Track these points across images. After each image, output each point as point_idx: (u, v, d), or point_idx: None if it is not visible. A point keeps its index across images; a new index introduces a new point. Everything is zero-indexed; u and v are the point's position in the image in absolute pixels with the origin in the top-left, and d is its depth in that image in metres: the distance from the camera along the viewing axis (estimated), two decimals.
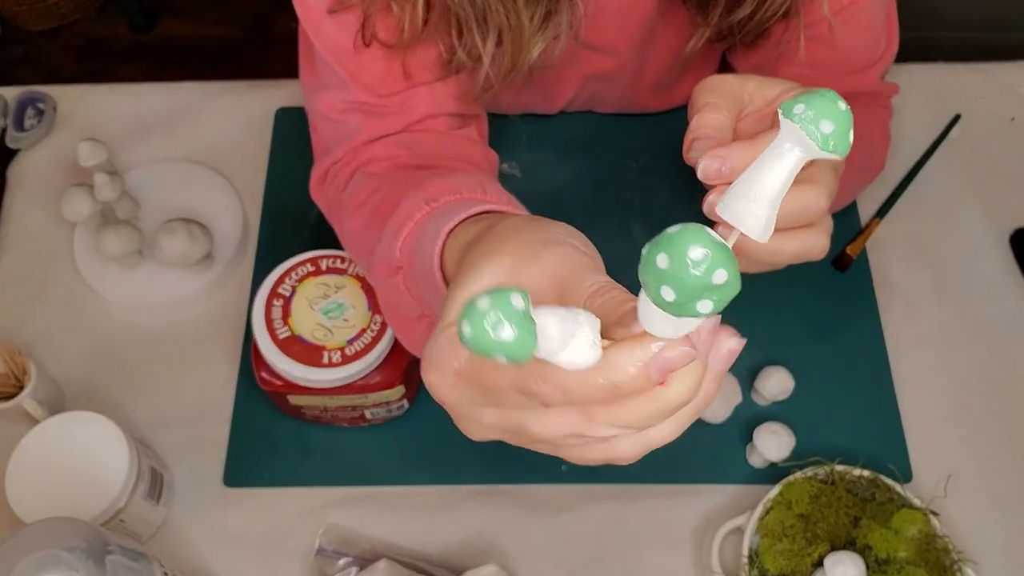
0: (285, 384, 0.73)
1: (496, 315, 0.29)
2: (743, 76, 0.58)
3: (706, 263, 0.28)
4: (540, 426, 0.37)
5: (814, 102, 0.30)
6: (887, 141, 0.82)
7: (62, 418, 0.73)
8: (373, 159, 0.70)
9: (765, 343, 0.84)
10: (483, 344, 0.29)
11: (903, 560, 0.70)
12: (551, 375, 0.34)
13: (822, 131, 0.30)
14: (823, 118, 0.30)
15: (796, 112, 0.31)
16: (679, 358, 0.33)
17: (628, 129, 0.95)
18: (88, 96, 0.99)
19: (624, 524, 0.77)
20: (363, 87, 0.69)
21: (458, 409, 0.40)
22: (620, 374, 0.33)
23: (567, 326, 0.31)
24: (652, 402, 0.34)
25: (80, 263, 0.88)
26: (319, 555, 0.75)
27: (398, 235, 0.56)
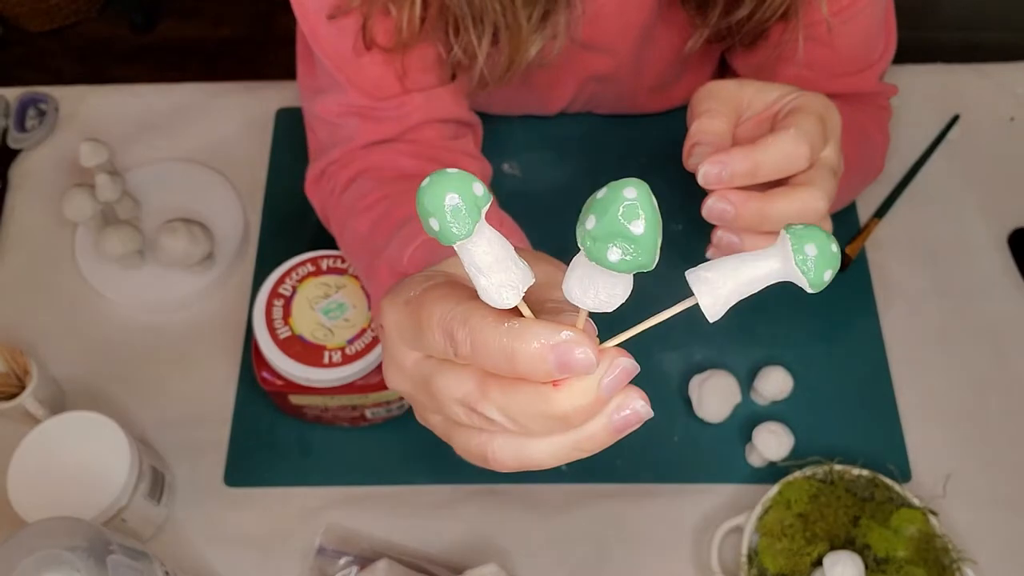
0: (286, 384, 0.73)
1: (455, 182, 0.30)
2: (741, 81, 0.59)
3: (633, 208, 0.29)
4: (442, 381, 0.37)
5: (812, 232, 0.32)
6: (886, 142, 0.82)
7: (63, 418, 0.73)
8: (376, 166, 0.71)
9: (764, 343, 0.84)
10: (431, 200, 0.31)
11: (902, 559, 0.70)
12: (471, 320, 0.34)
13: (806, 254, 0.31)
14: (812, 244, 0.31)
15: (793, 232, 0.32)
16: (579, 360, 0.32)
17: (628, 129, 0.95)
18: (89, 97, 1.00)
19: (624, 523, 0.77)
20: (360, 91, 0.70)
21: (389, 342, 0.40)
22: (522, 343, 0.33)
23: (505, 259, 0.32)
24: (539, 399, 0.34)
25: (81, 263, 0.88)
26: (320, 554, 0.75)
27: (408, 245, 0.59)
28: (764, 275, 0.33)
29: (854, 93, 0.79)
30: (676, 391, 0.82)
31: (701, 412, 0.79)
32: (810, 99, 0.57)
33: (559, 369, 0.33)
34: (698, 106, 0.58)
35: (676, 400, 0.82)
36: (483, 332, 0.34)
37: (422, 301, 0.37)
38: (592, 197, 0.30)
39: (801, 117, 0.54)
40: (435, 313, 0.36)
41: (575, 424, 0.35)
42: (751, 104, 0.59)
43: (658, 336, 0.84)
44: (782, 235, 0.32)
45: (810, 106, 0.56)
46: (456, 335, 0.35)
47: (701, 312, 0.37)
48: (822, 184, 0.54)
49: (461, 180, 0.31)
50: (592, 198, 0.30)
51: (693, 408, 0.80)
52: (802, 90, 0.58)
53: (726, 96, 0.58)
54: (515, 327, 0.33)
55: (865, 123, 0.78)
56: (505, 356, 0.33)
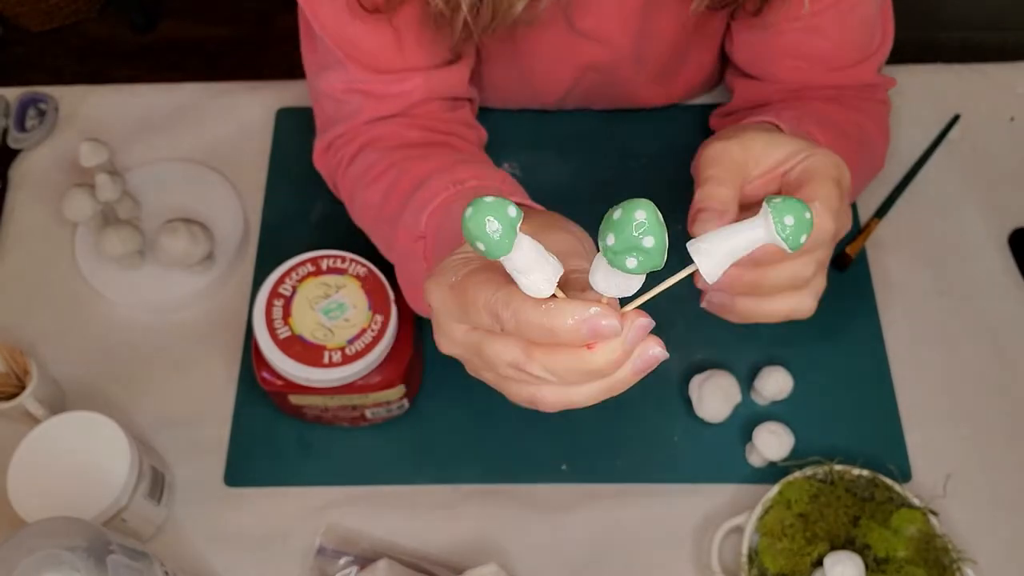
0: (286, 384, 0.73)
1: (493, 209, 0.37)
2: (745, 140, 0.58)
3: (644, 226, 0.36)
4: (492, 350, 0.44)
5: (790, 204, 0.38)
6: (886, 138, 0.83)
7: (63, 418, 0.73)
8: (380, 137, 0.75)
9: (764, 343, 0.84)
10: (475, 227, 0.37)
11: (902, 559, 0.70)
12: (512, 304, 0.41)
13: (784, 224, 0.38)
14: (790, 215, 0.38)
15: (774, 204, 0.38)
16: (606, 328, 0.40)
17: (628, 128, 0.95)
18: (89, 97, 0.99)
19: (624, 523, 0.77)
20: (359, 65, 0.73)
21: (439, 317, 0.47)
22: (559, 320, 0.40)
23: (539, 259, 0.39)
24: (576, 359, 0.41)
25: (81, 263, 0.88)
26: (320, 554, 0.75)
27: (424, 209, 0.63)
28: (751, 242, 0.39)
29: (852, 85, 0.79)
30: (676, 391, 0.82)
31: (701, 412, 0.79)
32: (823, 160, 0.56)
33: (591, 337, 0.40)
34: (704, 171, 0.58)
35: (676, 400, 0.82)
36: (525, 313, 0.40)
37: (465, 286, 0.44)
38: (609, 216, 0.37)
39: (821, 186, 0.54)
40: (479, 297, 0.43)
41: (607, 374, 0.42)
42: (759, 162, 0.58)
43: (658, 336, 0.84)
44: (764, 208, 0.38)
45: (826, 171, 0.55)
46: (501, 315, 0.42)
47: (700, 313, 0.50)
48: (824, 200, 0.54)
49: (498, 206, 0.37)
50: (609, 217, 0.37)
51: (693, 408, 0.80)
52: (812, 147, 0.57)
53: (731, 161, 0.58)
54: (552, 308, 0.40)
55: (865, 124, 0.78)
56: (546, 331, 0.40)
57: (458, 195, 0.63)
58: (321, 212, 0.92)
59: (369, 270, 0.74)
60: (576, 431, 0.81)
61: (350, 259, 0.74)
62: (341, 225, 0.90)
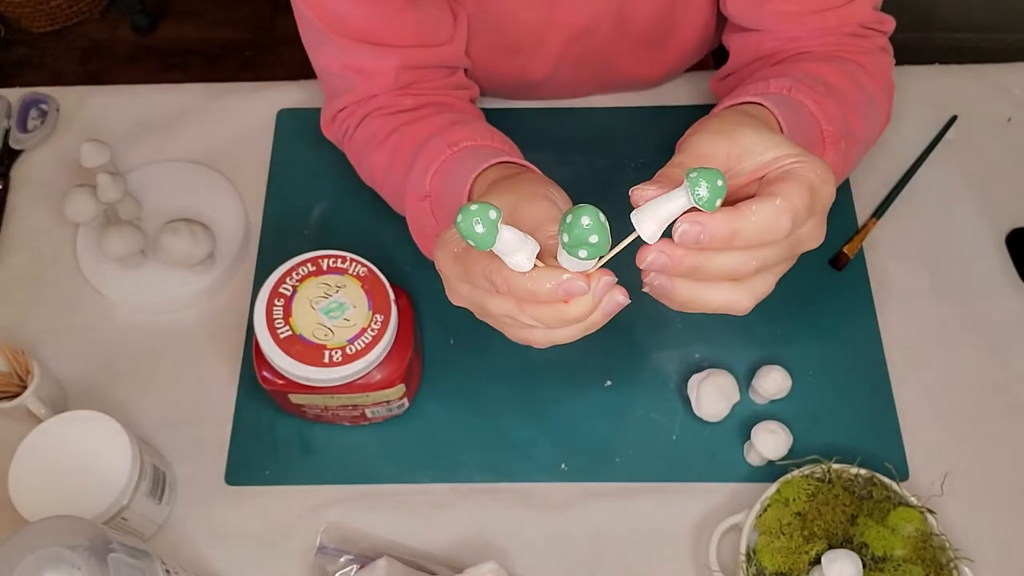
0: (286, 383, 0.73)
1: (478, 214, 0.47)
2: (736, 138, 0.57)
3: (589, 228, 0.47)
4: (492, 304, 0.55)
5: (705, 173, 0.47)
6: (889, 92, 0.80)
7: (65, 417, 0.74)
8: (380, 106, 0.81)
9: (762, 342, 0.84)
10: (464, 230, 0.48)
11: (899, 558, 0.70)
12: (503, 272, 0.52)
13: (699, 194, 0.47)
14: (706, 186, 0.47)
15: (691, 177, 0.47)
16: (576, 288, 0.51)
17: (627, 128, 0.96)
18: (91, 97, 1.00)
19: (623, 522, 0.78)
20: (342, 35, 0.78)
21: (448, 279, 0.58)
22: (540, 285, 0.51)
23: (519, 242, 0.50)
24: (557, 312, 0.53)
25: (83, 263, 0.88)
26: (320, 553, 0.76)
27: (427, 172, 0.72)
28: (677, 209, 0.49)
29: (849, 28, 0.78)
30: (675, 390, 0.83)
31: (700, 411, 0.79)
32: (808, 167, 0.55)
33: (566, 295, 0.51)
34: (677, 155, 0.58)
35: (675, 399, 0.82)
36: (513, 280, 0.52)
37: (465, 257, 0.55)
38: (564, 218, 0.48)
39: (791, 187, 0.53)
40: (477, 267, 0.54)
41: (582, 319, 0.53)
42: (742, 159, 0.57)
43: (657, 336, 0.85)
44: (685, 181, 0.48)
45: (805, 175, 0.54)
46: (495, 281, 0.53)
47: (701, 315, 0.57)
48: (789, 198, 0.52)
49: (481, 211, 0.47)
50: (564, 219, 0.48)
51: (692, 407, 0.80)
52: (804, 152, 0.56)
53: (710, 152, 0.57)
54: (534, 276, 0.51)
55: (863, 81, 0.76)
56: (531, 293, 0.52)
57: (454, 156, 0.72)
58: (321, 212, 0.92)
59: (369, 270, 0.74)
60: (575, 430, 0.81)
61: (350, 259, 0.75)
62: (341, 225, 0.91)
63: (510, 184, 0.63)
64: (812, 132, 0.68)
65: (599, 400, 0.82)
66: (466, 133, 0.74)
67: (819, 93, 0.70)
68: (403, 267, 0.87)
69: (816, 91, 0.70)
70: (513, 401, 0.83)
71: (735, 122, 0.59)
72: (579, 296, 0.51)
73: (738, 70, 0.85)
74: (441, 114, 0.81)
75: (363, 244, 0.79)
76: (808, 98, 0.69)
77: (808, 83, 0.71)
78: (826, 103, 0.69)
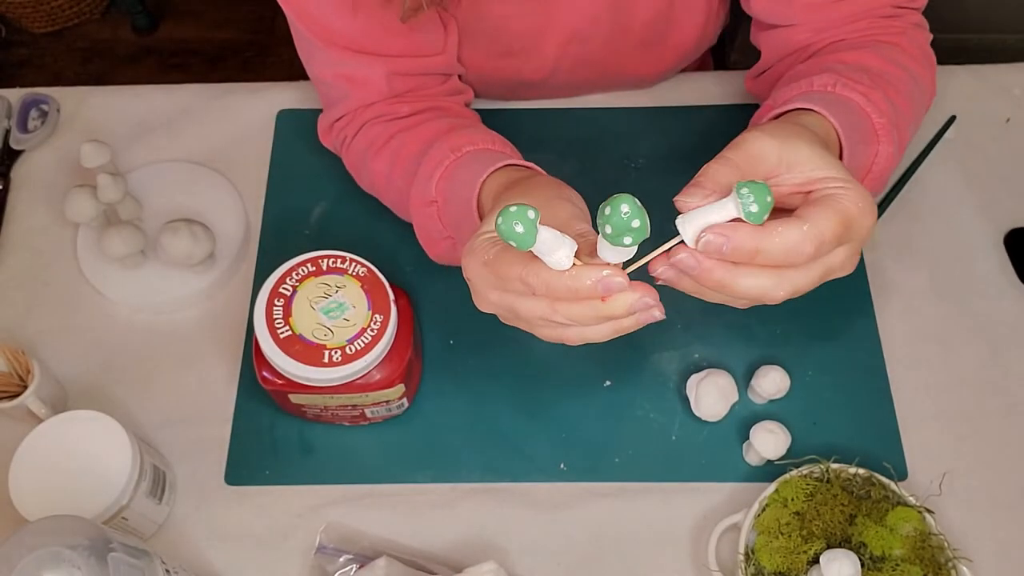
0: (286, 383, 0.73)
1: (517, 215, 0.49)
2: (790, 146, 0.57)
3: (629, 214, 0.49)
4: (524, 308, 0.56)
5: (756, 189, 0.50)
6: (931, 66, 0.80)
7: (65, 417, 0.74)
8: (377, 114, 0.82)
9: (761, 342, 0.84)
10: (505, 231, 0.49)
11: (898, 558, 0.70)
12: (541, 273, 0.53)
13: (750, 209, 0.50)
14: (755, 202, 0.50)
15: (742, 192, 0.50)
16: (616, 284, 0.52)
17: (627, 129, 0.96)
18: (91, 98, 1.00)
19: (622, 522, 0.78)
20: (332, 45, 0.78)
21: (477, 286, 0.59)
22: (580, 282, 0.52)
23: (557, 241, 0.52)
24: (593, 309, 0.53)
25: (83, 263, 0.88)
26: (319, 552, 0.76)
27: (432, 177, 0.72)
28: (722, 219, 0.52)
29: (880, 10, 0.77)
30: (674, 390, 0.83)
31: (699, 411, 0.79)
32: (850, 196, 0.55)
33: (606, 291, 0.52)
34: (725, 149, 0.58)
35: (674, 399, 0.82)
36: (552, 280, 0.53)
37: (499, 263, 0.56)
38: (602, 211, 0.49)
39: (824, 214, 0.53)
40: (512, 272, 0.55)
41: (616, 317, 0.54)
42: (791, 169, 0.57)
43: (656, 336, 0.85)
44: (734, 193, 0.51)
45: (843, 205, 0.54)
46: (532, 283, 0.54)
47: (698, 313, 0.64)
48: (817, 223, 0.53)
49: (520, 212, 0.49)
50: (602, 212, 0.49)
51: (691, 407, 0.80)
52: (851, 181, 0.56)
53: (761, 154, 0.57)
54: (573, 273, 0.52)
55: (905, 61, 0.76)
56: (572, 291, 0.53)
57: (458, 161, 0.72)
58: (321, 212, 0.92)
59: (369, 270, 0.74)
60: (574, 430, 0.81)
61: (350, 259, 0.75)
62: (341, 225, 0.91)
63: (525, 187, 0.65)
64: (864, 128, 0.68)
65: (598, 400, 0.83)
66: (468, 138, 0.74)
67: (864, 84, 0.69)
68: (403, 267, 0.87)
69: (861, 83, 0.70)
70: (512, 401, 0.83)
71: (793, 132, 0.59)
72: (618, 292, 0.53)
73: (771, 66, 0.85)
74: (439, 119, 0.81)
75: (363, 244, 0.79)
76: (854, 92, 0.69)
77: (851, 75, 0.70)
78: (873, 94, 0.69)
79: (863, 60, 0.74)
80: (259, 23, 2.17)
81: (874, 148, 0.69)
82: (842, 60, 0.75)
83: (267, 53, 2.12)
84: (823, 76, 0.71)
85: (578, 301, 0.54)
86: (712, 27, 0.92)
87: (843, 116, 0.66)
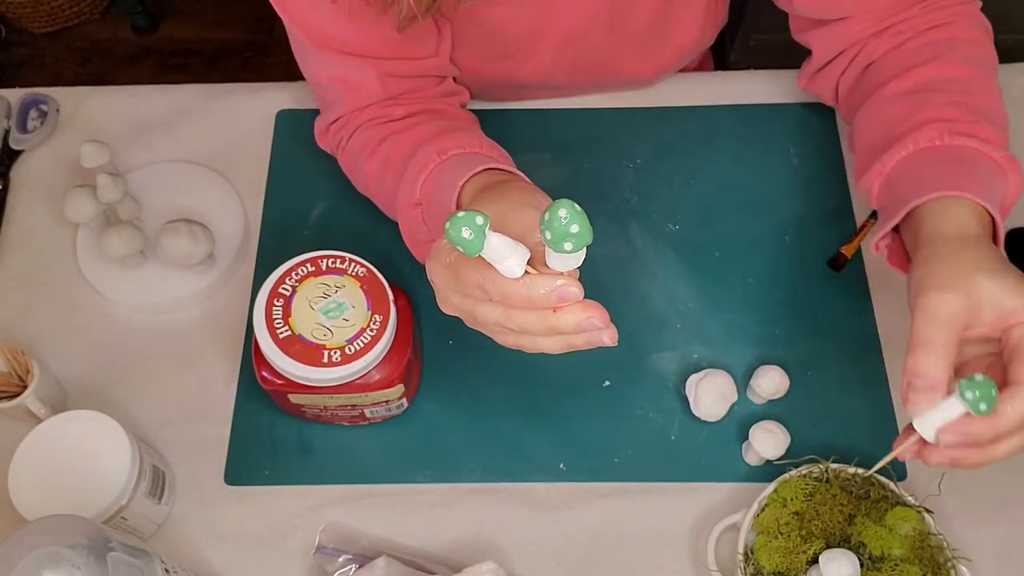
0: (286, 383, 0.74)
1: (465, 220, 0.49)
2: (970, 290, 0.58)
3: (567, 219, 0.48)
4: (481, 312, 0.57)
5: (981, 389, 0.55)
6: (988, 34, 0.80)
7: (65, 417, 0.74)
8: (372, 117, 0.82)
9: (760, 343, 0.84)
10: (452, 236, 0.50)
11: (897, 557, 0.70)
12: (496, 280, 0.54)
13: (980, 408, 0.55)
14: (982, 401, 0.54)
15: (967, 397, 0.55)
16: (570, 293, 0.53)
17: (625, 129, 0.96)
18: (91, 98, 1.00)
19: (621, 522, 0.78)
20: (325, 48, 0.79)
21: (440, 289, 0.60)
22: (535, 291, 0.53)
23: (509, 248, 0.52)
24: (543, 320, 0.54)
25: (83, 263, 0.88)
26: (319, 552, 0.76)
27: (417, 180, 0.73)
28: (955, 416, 0.57)
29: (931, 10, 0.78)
30: (673, 390, 0.83)
31: (698, 411, 0.79)
32: None
33: (559, 300, 0.53)
34: (917, 328, 0.59)
35: (673, 399, 0.82)
36: (507, 287, 0.54)
37: (458, 267, 0.57)
38: (542, 218, 0.49)
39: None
40: (471, 277, 0.56)
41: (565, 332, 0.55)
42: (981, 309, 0.58)
43: (655, 336, 0.85)
44: (957, 393, 0.56)
45: None
46: (488, 289, 0.55)
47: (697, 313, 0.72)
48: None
49: (468, 217, 0.50)
50: (542, 219, 0.49)
51: (690, 407, 0.80)
52: None
53: (950, 317, 0.58)
54: (528, 282, 0.53)
55: (980, 56, 0.76)
56: (525, 299, 0.54)
57: (444, 164, 0.72)
58: (321, 213, 0.92)
59: (368, 270, 0.74)
60: (574, 430, 0.81)
61: (349, 259, 0.75)
62: (341, 225, 0.91)
63: (498, 192, 0.65)
64: (990, 170, 0.69)
65: (598, 400, 0.83)
66: (456, 141, 0.74)
67: (967, 119, 0.70)
68: (402, 268, 0.87)
69: (962, 116, 0.70)
70: (512, 401, 0.83)
71: (965, 268, 0.59)
72: (572, 301, 0.53)
73: (830, 61, 0.84)
74: (431, 122, 0.82)
75: (362, 244, 0.79)
76: (964, 136, 0.69)
77: (948, 108, 0.71)
78: (980, 127, 0.69)
79: (947, 75, 0.74)
80: (259, 23, 2.17)
81: (1002, 181, 0.69)
82: (925, 82, 0.75)
83: (267, 53, 2.12)
84: (928, 129, 0.71)
85: (532, 310, 0.54)
86: (711, 27, 0.92)
87: (975, 183, 0.66)
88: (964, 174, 0.66)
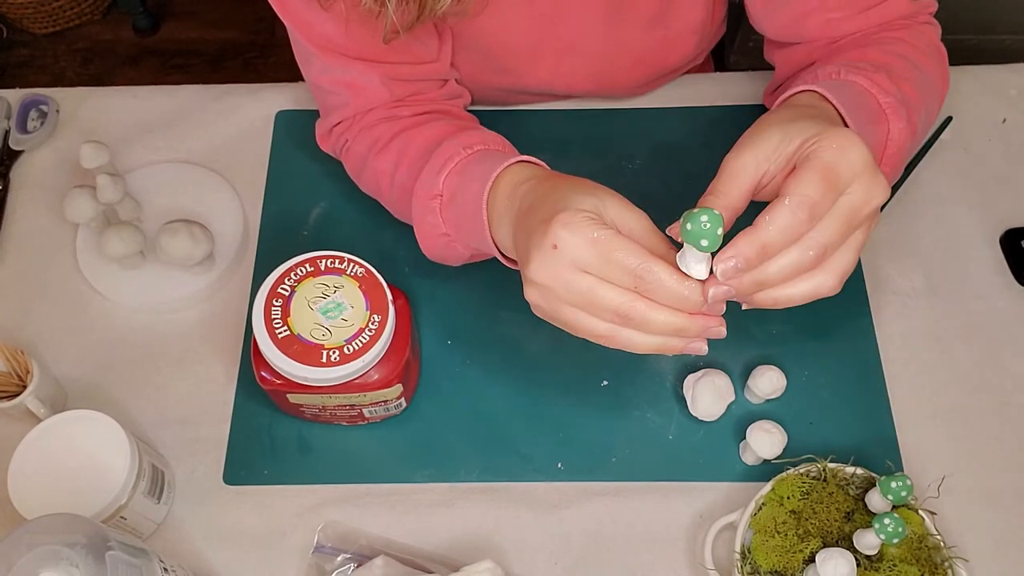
0: (284, 383, 0.74)
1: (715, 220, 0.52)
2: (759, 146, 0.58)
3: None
4: (604, 293, 0.56)
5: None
6: (936, 55, 0.81)
7: (64, 416, 0.74)
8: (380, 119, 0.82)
9: (758, 342, 0.84)
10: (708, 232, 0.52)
11: (894, 557, 0.71)
12: (654, 270, 0.54)
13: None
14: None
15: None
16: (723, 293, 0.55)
17: (624, 129, 0.96)
18: (91, 98, 1.00)
19: (619, 521, 0.78)
20: (328, 52, 0.79)
21: (561, 256, 0.56)
22: (697, 296, 0.55)
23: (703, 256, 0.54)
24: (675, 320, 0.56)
25: (82, 264, 0.89)
26: (317, 552, 0.76)
27: (441, 172, 0.73)
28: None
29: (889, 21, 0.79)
30: (671, 390, 0.83)
31: (695, 411, 0.80)
32: (822, 144, 0.55)
33: (709, 310, 0.56)
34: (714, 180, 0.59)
35: (670, 399, 0.83)
36: (667, 281, 0.55)
37: (612, 246, 0.55)
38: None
39: (798, 179, 0.54)
40: (628, 260, 0.55)
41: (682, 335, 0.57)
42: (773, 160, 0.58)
43: None
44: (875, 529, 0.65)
45: (816, 158, 0.55)
46: (644, 277, 0.55)
47: None
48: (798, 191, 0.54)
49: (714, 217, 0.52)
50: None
51: (687, 407, 0.80)
52: (824, 130, 0.56)
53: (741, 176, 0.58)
54: (692, 285, 0.55)
55: (908, 54, 0.77)
56: (681, 299, 0.55)
57: (469, 158, 0.73)
58: (320, 213, 0.92)
59: (367, 270, 0.75)
60: (572, 430, 0.82)
61: (348, 259, 0.75)
62: (340, 226, 0.92)
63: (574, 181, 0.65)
64: (870, 107, 0.69)
65: (595, 400, 0.83)
66: (478, 137, 0.75)
67: (867, 71, 0.71)
68: (401, 268, 0.87)
69: (864, 70, 0.71)
70: (510, 401, 0.83)
71: (762, 125, 0.60)
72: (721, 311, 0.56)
73: (786, 80, 0.86)
74: (443, 120, 0.82)
75: (361, 245, 0.79)
76: (858, 76, 0.70)
77: (854, 66, 0.72)
78: (877, 77, 0.70)
79: (866, 55, 0.76)
80: (260, 24, 2.17)
81: (884, 127, 0.70)
82: (846, 58, 0.76)
83: (268, 54, 2.13)
84: (827, 67, 0.73)
85: (667, 309, 0.55)
86: (709, 33, 0.92)
87: (845, 97, 0.67)
88: (838, 92, 0.67)
